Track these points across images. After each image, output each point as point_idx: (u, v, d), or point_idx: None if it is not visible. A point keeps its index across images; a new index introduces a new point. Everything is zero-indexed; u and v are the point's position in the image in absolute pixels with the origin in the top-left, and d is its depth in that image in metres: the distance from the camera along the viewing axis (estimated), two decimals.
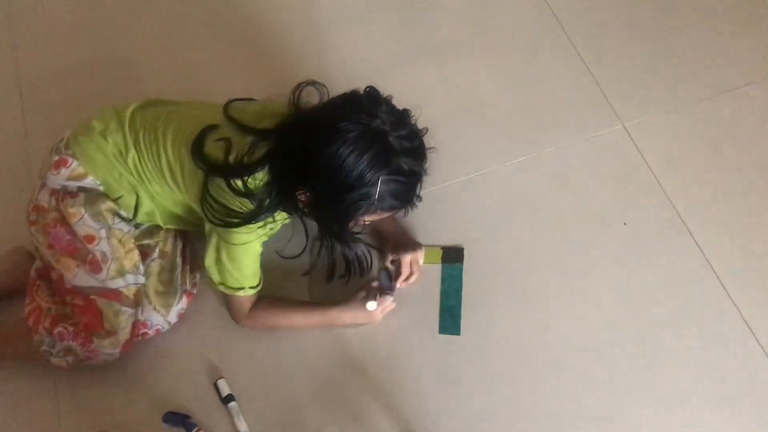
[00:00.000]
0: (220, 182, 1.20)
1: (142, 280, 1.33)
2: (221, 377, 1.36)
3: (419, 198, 1.25)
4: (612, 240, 1.48)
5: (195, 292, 1.43)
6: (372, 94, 1.17)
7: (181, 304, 1.38)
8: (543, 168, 1.57)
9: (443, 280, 1.45)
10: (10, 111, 1.70)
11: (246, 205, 1.20)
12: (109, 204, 1.30)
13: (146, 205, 1.33)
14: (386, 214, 1.21)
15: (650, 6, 1.78)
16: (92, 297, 1.28)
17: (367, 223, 1.28)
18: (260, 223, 1.23)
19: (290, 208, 1.23)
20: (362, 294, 1.38)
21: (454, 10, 1.81)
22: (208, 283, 1.34)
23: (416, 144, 1.16)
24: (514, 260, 1.47)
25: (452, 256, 1.47)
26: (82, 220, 1.28)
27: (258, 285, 1.34)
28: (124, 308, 1.30)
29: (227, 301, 1.37)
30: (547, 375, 1.35)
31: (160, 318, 1.35)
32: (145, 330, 1.35)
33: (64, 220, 1.28)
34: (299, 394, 1.35)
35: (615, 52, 1.72)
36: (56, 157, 1.30)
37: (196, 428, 1.30)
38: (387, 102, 1.17)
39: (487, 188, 1.55)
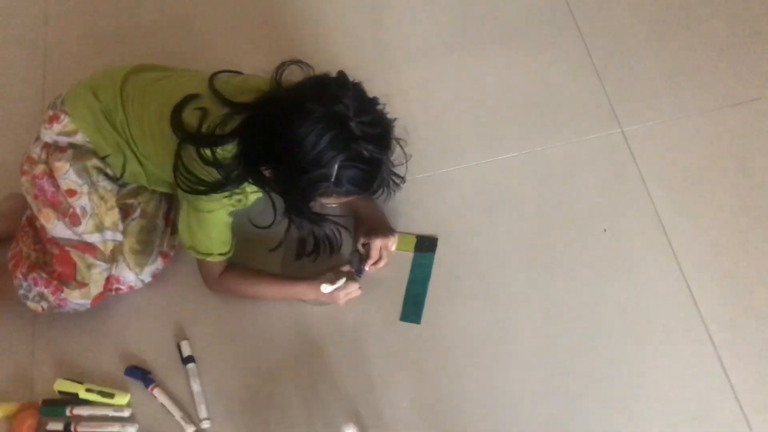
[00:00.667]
0: (192, 150, 1.23)
1: (120, 237, 1.39)
2: (185, 339, 1.41)
3: (402, 180, 1.28)
4: (589, 245, 1.45)
5: (172, 254, 1.48)
6: (340, 78, 1.18)
7: (156, 264, 1.44)
8: (532, 165, 1.55)
9: (413, 268, 1.46)
10: (32, 72, 1.77)
11: (213, 175, 1.23)
12: (96, 161, 1.35)
13: (133, 166, 1.38)
14: (345, 199, 1.22)
15: (670, 13, 1.71)
16: (68, 248, 1.35)
17: (333, 205, 1.29)
18: (226, 194, 1.26)
19: (257, 182, 1.25)
20: (329, 275, 1.41)
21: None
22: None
23: (379, 132, 1.16)
24: (486, 256, 1.46)
25: (425, 245, 1.48)
26: (67, 174, 1.34)
27: (227, 253, 1.37)
28: (98, 262, 1.36)
29: (198, 265, 1.42)
30: (498, 374, 1.35)
31: (132, 276, 1.41)
32: (118, 285, 1.41)
33: (51, 173, 1.35)
34: (256, 365, 1.39)
35: (626, 54, 1.66)
36: (51, 113, 1.36)
37: (153, 385, 1.36)
38: (355, 87, 1.17)
39: (472, 181, 1.54)
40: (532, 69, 1.67)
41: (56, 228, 1.35)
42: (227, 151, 1.22)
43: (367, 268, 1.44)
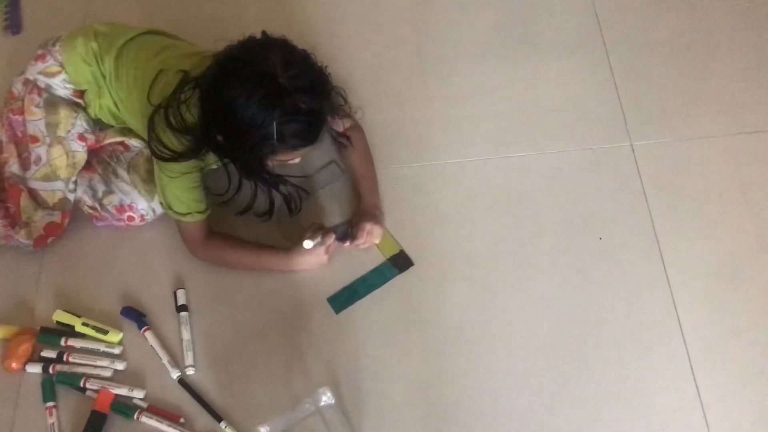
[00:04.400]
0: (162, 119, 1.28)
1: (71, 196, 1.45)
2: (182, 288, 1.47)
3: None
4: (582, 251, 1.48)
5: None
6: (264, 37, 1.21)
7: None
8: (537, 168, 1.58)
9: (373, 270, 1.47)
10: None
11: (181, 143, 1.28)
12: (67, 112, 1.40)
13: (107, 103, 1.43)
14: (299, 153, 1.26)
15: (696, 37, 1.73)
16: (21, 187, 1.42)
17: (295, 161, 1.31)
18: (190, 164, 1.31)
19: (213, 149, 1.29)
20: (308, 233, 1.41)
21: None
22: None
23: (310, 81, 1.18)
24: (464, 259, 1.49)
25: (400, 262, 1.48)
26: (38, 122, 1.40)
27: (203, 212, 1.40)
28: (40, 208, 1.43)
29: (180, 230, 1.44)
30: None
31: (144, 203, 1.45)
32: (131, 213, 1.46)
33: (24, 113, 1.41)
34: (244, 322, 1.44)
35: (647, 69, 1.69)
36: (40, 51, 1.43)
37: (145, 327, 1.42)
38: (281, 44, 1.20)
39: (476, 175, 1.58)
40: (551, 73, 1.70)
41: (12, 166, 1.43)
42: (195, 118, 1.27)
43: (347, 244, 1.45)
